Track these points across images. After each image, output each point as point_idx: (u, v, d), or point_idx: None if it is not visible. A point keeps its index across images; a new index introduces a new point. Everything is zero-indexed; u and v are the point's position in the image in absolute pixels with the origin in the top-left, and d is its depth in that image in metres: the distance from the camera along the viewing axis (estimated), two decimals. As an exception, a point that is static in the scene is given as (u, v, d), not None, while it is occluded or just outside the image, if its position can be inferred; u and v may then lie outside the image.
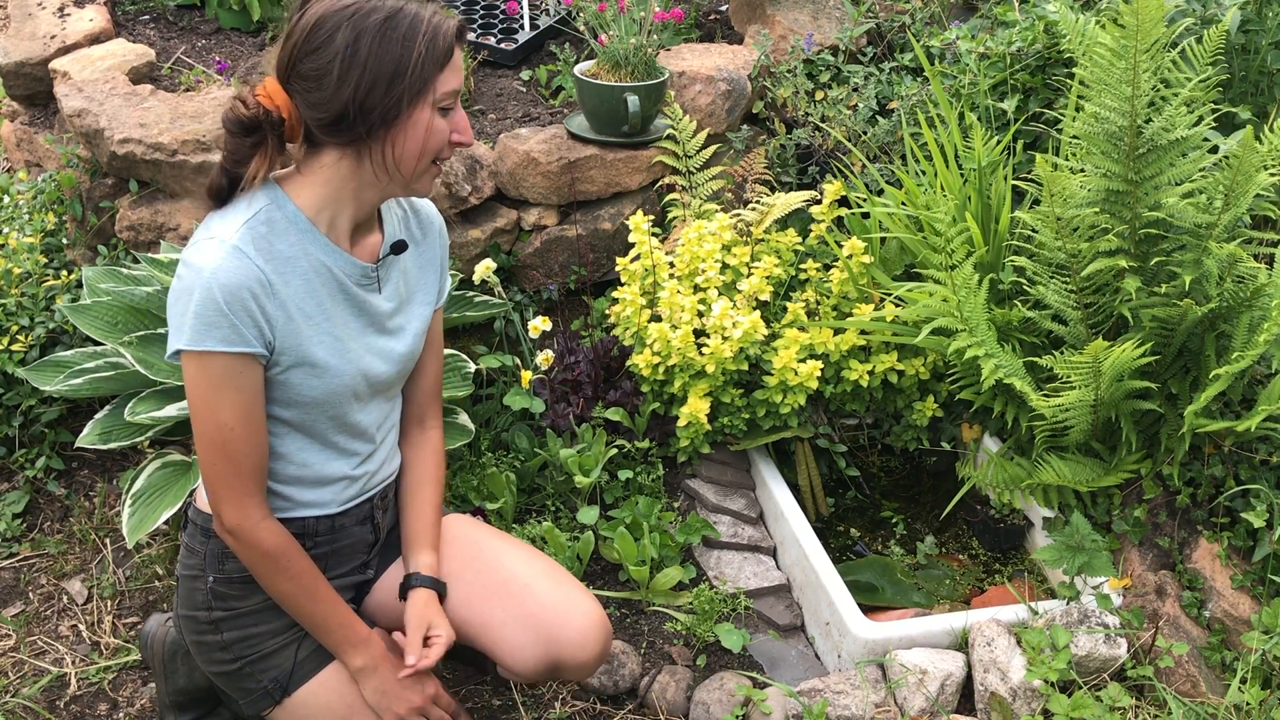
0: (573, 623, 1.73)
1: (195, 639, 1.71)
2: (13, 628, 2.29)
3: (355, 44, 1.44)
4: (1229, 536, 2.16)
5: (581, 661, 1.74)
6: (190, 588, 1.70)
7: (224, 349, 1.47)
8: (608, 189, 2.79)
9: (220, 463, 1.54)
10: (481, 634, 1.76)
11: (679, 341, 2.36)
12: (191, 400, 1.52)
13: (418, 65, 1.46)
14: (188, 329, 1.46)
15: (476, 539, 1.85)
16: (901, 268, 2.60)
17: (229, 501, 1.56)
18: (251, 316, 1.48)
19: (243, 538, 1.58)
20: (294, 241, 1.54)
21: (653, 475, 2.45)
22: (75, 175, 2.73)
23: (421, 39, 1.46)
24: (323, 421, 1.63)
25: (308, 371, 1.57)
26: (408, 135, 1.50)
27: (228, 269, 1.45)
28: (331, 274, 1.58)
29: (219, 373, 1.49)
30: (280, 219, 1.53)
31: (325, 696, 1.68)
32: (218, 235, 1.48)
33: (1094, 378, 2.09)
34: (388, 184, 1.56)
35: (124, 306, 2.34)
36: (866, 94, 2.90)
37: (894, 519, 2.58)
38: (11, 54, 2.91)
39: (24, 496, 2.52)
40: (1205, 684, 2.05)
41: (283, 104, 1.49)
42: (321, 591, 1.65)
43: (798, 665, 2.21)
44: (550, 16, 3.34)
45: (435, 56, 1.48)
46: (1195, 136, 2.11)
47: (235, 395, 1.51)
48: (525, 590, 1.76)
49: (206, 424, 1.52)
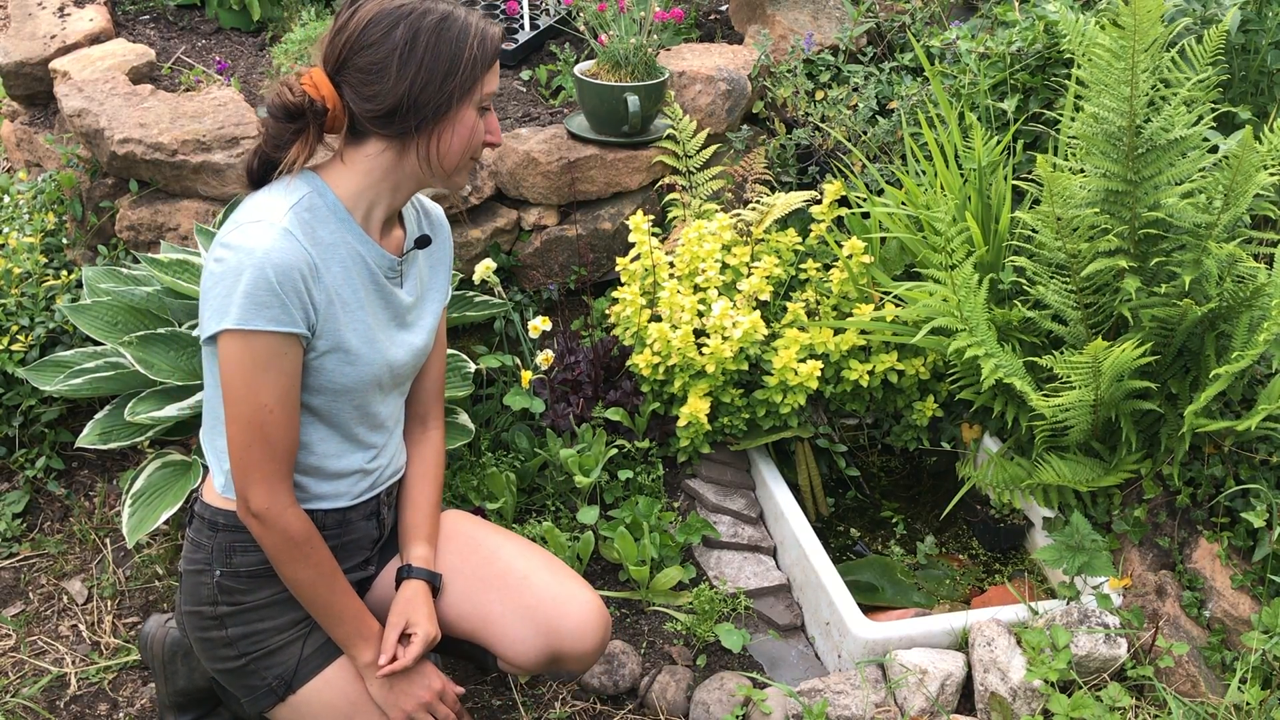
0: (572, 614, 1.74)
1: (200, 635, 1.71)
2: (13, 628, 2.29)
3: (413, 41, 1.50)
4: (1229, 536, 2.16)
5: (582, 652, 1.75)
6: (195, 583, 1.70)
7: (273, 328, 1.49)
8: (608, 189, 2.79)
9: (257, 444, 1.54)
10: (481, 628, 1.77)
11: (679, 341, 2.36)
12: (231, 382, 1.52)
13: (469, 65, 1.53)
14: (236, 308, 1.47)
15: (474, 533, 1.86)
16: (901, 268, 2.60)
17: (260, 483, 1.56)
18: (300, 298, 1.51)
19: (271, 521, 1.58)
20: (334, 229, 1.57)
21: (653, 475, 2.45)
22: (75, 175, 2.73)
23: (473, 40, 1.53)
24: (347, 410, 1.65)
25: (341, 358, 1.59)
26: (455, 131, 1.57)
27: (280, 249, 1.48)
28: (366, 264, 1.62)
29: (264, 353, 1.50)
30: (321, 206, 1.56)
31: (329, 694, 1.68)
32: (265, 218, 1.51)
33: (1094, 378, 2.09)
34: (427, 177, 1.61)
35: (124, 306, 2.34)
36: (866, 94, 2.90)
37: (894, 519, 2.58)
38: (11, 54, 2.91)
39: (24, 496, 2.52)
40: (1205, 684, 2.05)
41: (329, 95, 1.53)
42: (339, 582, 1.66)
43: (798, 665, 2.21)
44: (550, 16, 3.34)
45: (484, 57, 1.55)
46: (1194, 136, 2.11)
47: (278, 376, 1.52)
48: (524, 583, 1.77)
49: (245, 405, 1.52)
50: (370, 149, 1.57)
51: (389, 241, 1.68)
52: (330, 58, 1.53)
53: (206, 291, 1.52)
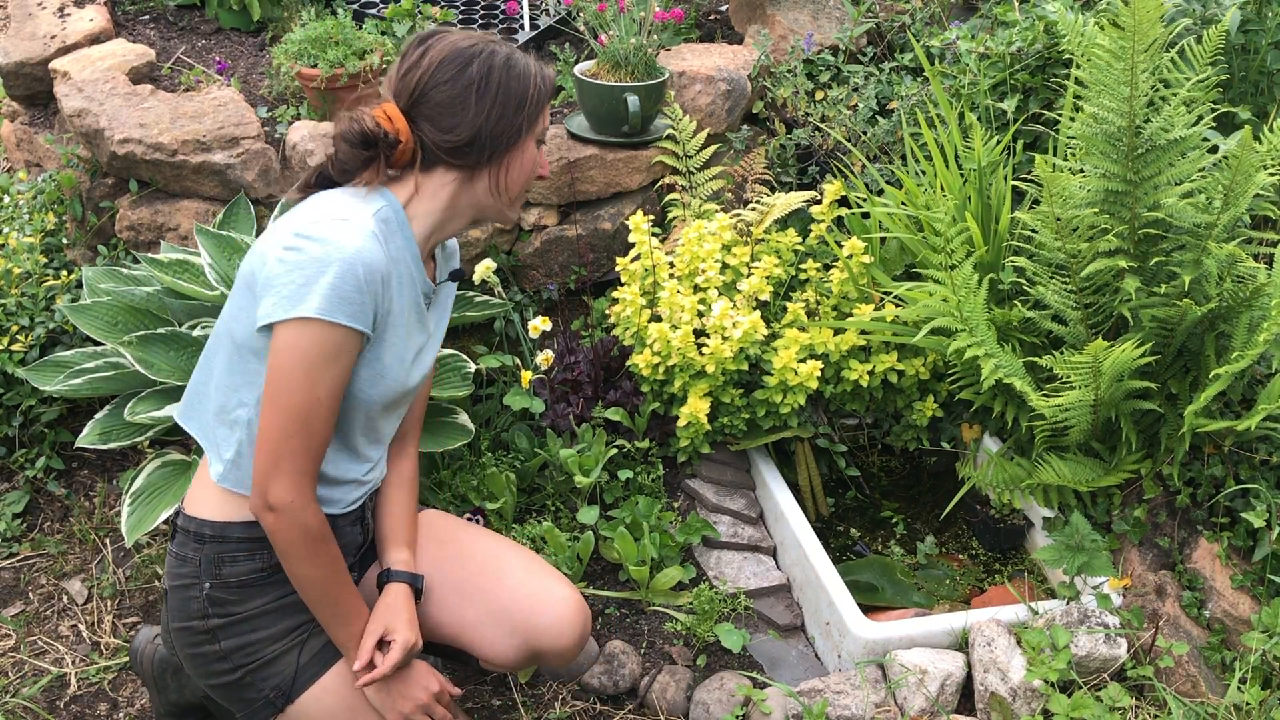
0: (547, 611, 1.76)
1: (191, 651, 1.68)
2: (13, 628, 2.29)
3: (487, 77, 1.61)
4: (1229, 536, 2.17)
5: (561, 648, 1.78)
6: (183, 598, 1.67)
7: (350, 324, 1.52)
8: (608, 189, 2.79)
9: (298, 436, 1.54)
10: (459, 634, 1.79)
11: (679, 341, 2.36)
12: (288, 371, 1.52)
13: (535, 99, 1.64)
14: (318, 298, 1.49)
15: (448, 536, 1.87)
16: (901, 268, 2.60)
17: (289, 475, 1.55)
18: (375, 301, 1.55)
19: (291, 514, 1.56)
20: (400, 246, 1.62)
21: (653, 475, 2.45)
22: (75, 175, 2.73)
23: (536, 76, 1.65)
24: (359, 421, 1.67)
25: (378, 369, 1.63)
26: (521, 161, 1.67)
27: (370, 250, 1.52)
28: (415, 285, 1.67)
29: (333, 347, 1.52)
30: (394, 221, 1.62)
31: (328, 701, 1.67)
32: (352, 218, 1.55)
33: (1094, 378, 2.09)
34: (490, 207, 1.69)
35: (124, 306, 2.34)
36: (866, 94, 2.90)
37: (894, 519, 2.58)
38: (11, 54, 2.91)
39: (24, 496, 2.52)
40: (1205, 684, 2.05)
41: (402, 128, 1.60)
42: (347, 582, 1.66)
43: (798, 665, 2.21)
44: (550, 16, 3.34)
45: (546, 92, 1.67)
46: (1194, 136, 2.11)
47: (338, 372, 1.55)
48: (497, 584, 1.79)
49: (298, 395, 1.53)
50: (439, 178, 1.64)
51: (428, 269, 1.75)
52: (402, 94, 1.61)
53: (276, 277, 1.51)
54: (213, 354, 1.66)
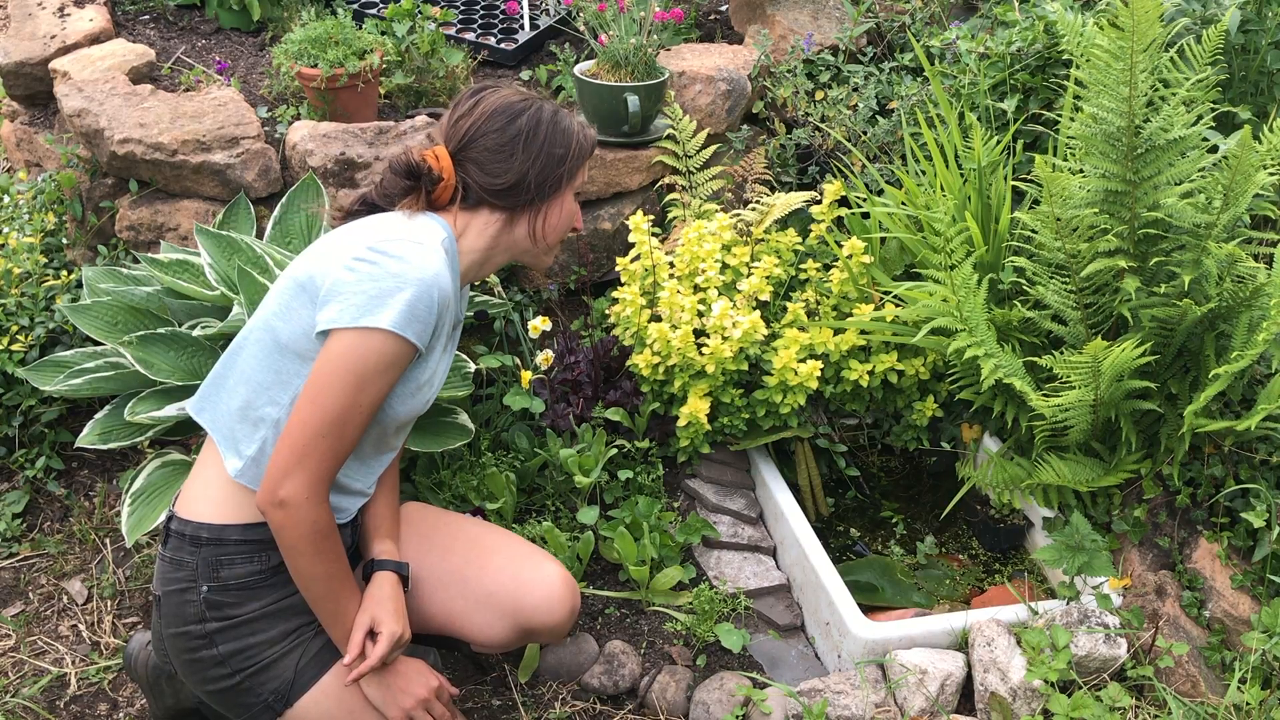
0: (535, 590, 1.81)
1: (188, 657, 1.67)
2: (13, 628, 2.29)
3: (535, 129, 1.73)
4: (1229, 536, 2.17)
5: (552, 624, 1.82)
6: (179, 602, 1.66)
7: (415, 341, 1.59)
8: (608, 189, 2.79)
9: (330, 439, 1.58)
10: (450, 624, 1.83)
11: (679, 341, 2.36)
12: (340, 375, 1.56)
13: (576, 153, 1.77)
14: (394, 313, 1.55)
15: (430, 527, 1.91)
16: (901, 268, 2.60)
17: (309, 474, 1.57)
18: (435, 325, 1.63)
19: (304, 511, 1.57)
20: (453, 276, 1.70)
21: (653, 475, 2.45)
22: (75, 175, 2.73)
23: (578, 134, 1.78)
24: (373, 434, 1.71)
25: (412, 388, 1.68)
26: (561, 210, 1.79)
27: (444, 276, 1.62)
28: (455, 315, 1.78)
29: (390, 359, 1.58)
30: (451, 252, 1.72)
31: (327, 704, 1.67)
32: (426, 243, 1.64)
33: (1094, 378, 2.09)
34: (528, 251, 1.80)
35: (124, 306, 2.34)
36: (866, 94, 2.90)
37: (894, 519, 2.58)
38: (11, 54, 2.91)
39: (24, 496, 2.52)
40: (1205, 684, 2.05)
41: (447, 168, 1.72)
42: (349, 580, 1.68)
43: (798, 665, 2.21)
44: (550, 16, 3.34)
45: (586, 149, 1.79)
46: (1193, 136, 2.11)
47: (384, 385, 1.60)
48: (482, 569, 1.83)
49: (343, 399, 1.57)
50: (484, 218, 1.75)
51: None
52: (452, 138, 1.73)
53: (346, 284, 1.57)
54: (240, 350, 1.67)
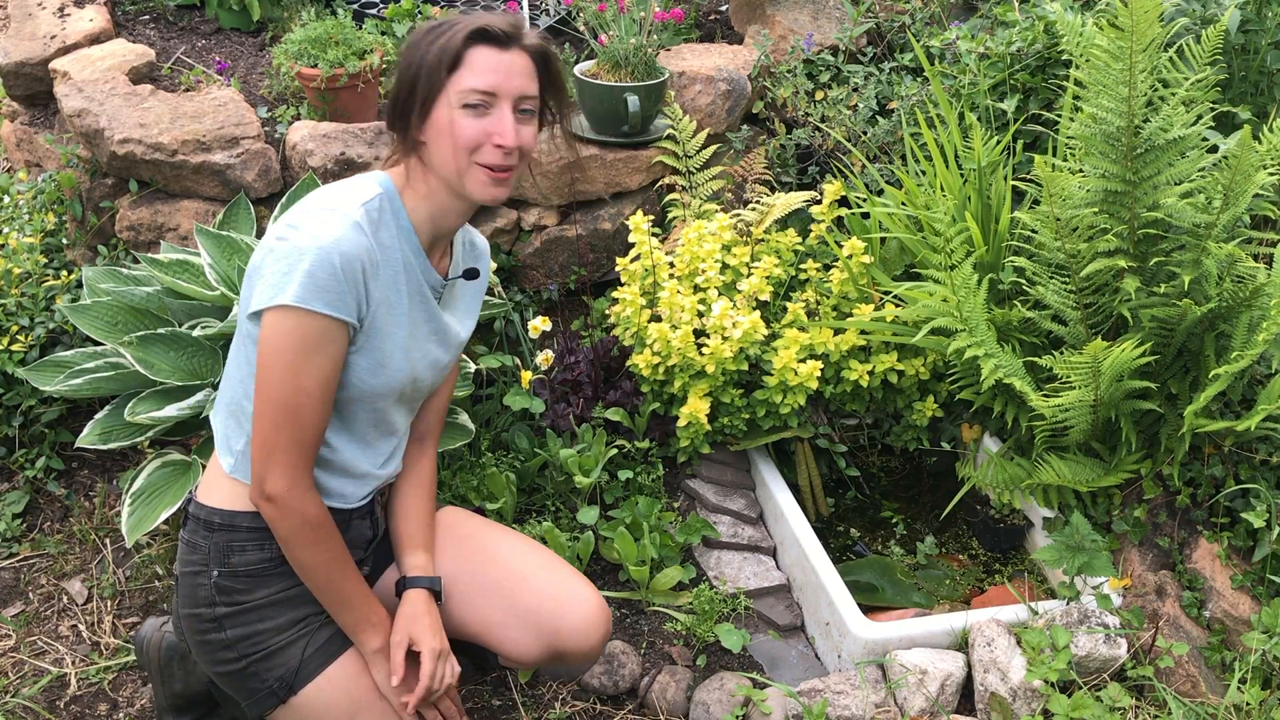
0: (572, 613, 1.76)
1: (199, 638, 1.70)
2: (13, 628, 2.29)
3: (408, 48, 1.60)
4: (1229, 536, 2.17)
5: (584, 650, 1.77)
6: (193, 584, 1.69)
7: (329, 312, 1.51)
8: (608, 189, 2.79)
9: (287, 427, 1.55)
10: (483, 632, 1.78)
11: (679, 341, 2.36)
12: (272, 361, 1.53)
13: (434, 65, 1.56)
14: (295, 286, 1.49)
15: (470, 533, 1.86)
16: (901, 268, 2.60)
17: (282, 466, 1.57)
18: (356, 289, 1.54)
19: (289, 504, 1.58)
20: (394, 235, 1.62)
21: (653, 475, 2.45)
22: (75, 175, 2.73)
23: (444, 38, 1.56)
24: (364, 413, 1.67)
25: (377, 359, 1.62)
26: (439, 134, 1.58)
27: (349, 239, 1.52)
28: (415, 274, 1.66)
29: (314, 335, 1.52)
30: (388, 211, 1.61)
31: (331, 693, 1.68)
32: (339, 208, 1.55)
33: (1093, 378, 2.09)
34: (445, 189, 1.63)
35: (124, 306, 2.34)
36: (866, 94, 2.90)
37: (894, 519, 2.58)
38: (11, 54, 2.91)
39: (24, 496, 2.52)
40: (1205, 684, 2.05)
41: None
42: (350, 566, 1.66)
43: (798, 665, 2.21)
44: (550, 16, 3.34)
45: (445, 59, 1.56)
46: (1193, 136, 2.11)
47: (322, 362, 1.55)
48: (522, 584, 1.78)
49: (284, 386, 1.54)
50: (415, 161, 1.63)
51: (439, 264, 1.73)
52: None
53: (261, 267, 1.54)
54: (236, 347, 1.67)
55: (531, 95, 1.61)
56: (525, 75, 1.60)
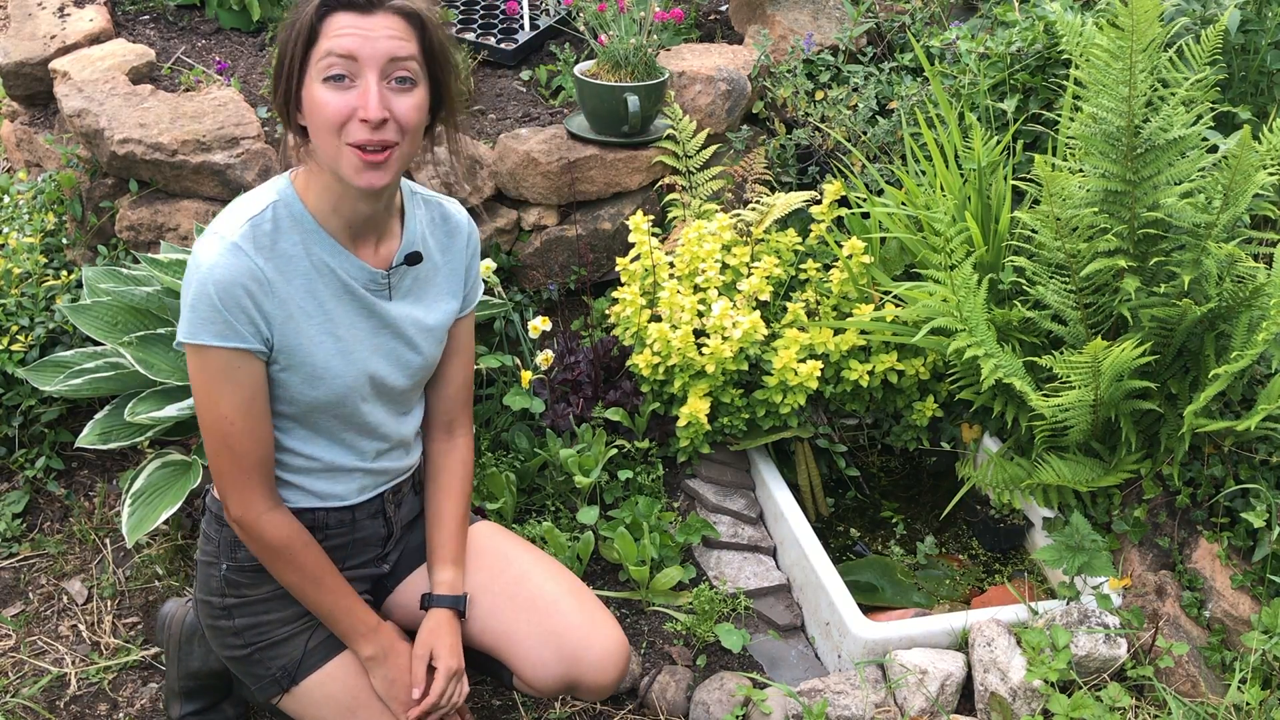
0: (596, 644, 1.73)
1: (210, 623, 1.75)
2: (13, 628, 2.29)
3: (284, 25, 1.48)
4: (1229, 536, 2.17)
5: (601, 685, 1.75)
6: (206, 573, 1.73)
7: (218, 343, 1.48)
8: (608, 189, 2.79)
9: (223, 454, 1.56)
10: (504, 645, 1.76)
11: (679, 341, 2.36)
12: (194, 391, 1.54)
13: (292, 43, 1.44)
14: (184, 322, 1.49)
15: (505, 551, 1.84)
16: (901, 268, 2.60)
17: (233, 492, 1.58)
18: (246, 313, 1.48)
19: (247, 529, 1.60)
20: (297, 241, 1.54)
21: (653, 475, 2.45)
22: (75, 175, 2.73)
23: (297, 18, 1.44)
24: (326, 419, 1.64)
25: (308, 372, 1.57)
26: (309, 117, 1.46)
27: (223, 265, 1.46)
28: (335, 275, 1.56)
29: (216, 366, 1.51)
30: (286, 217, 1.53)
31: (331, 687, 1.69)
32: (220, 230, 1.50)
33: (1093, 377, 2.09)
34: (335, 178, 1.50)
35: (124, 306, 2.34)
36: (866, 94, 2.90)
37: (894, 519, 2.58)
38: (11, 54, 2.91)
39: (24, 496, 2.52)
40: (1205, 684, 2.05)
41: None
42: (328, 581, 1.65)
43: (798, 665, 2.21)
44: (550, 16, 3.34)
45: (301, 32, 1.43)
46: (1193, 136, 2.11)
47: (234, 388, 1.52)
48: (552, 607, 1.76)
49: (209, 415, 1.54)
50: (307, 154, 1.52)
51: (373, 253, 1.60)
52: None
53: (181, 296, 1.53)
54: None
55: (404, 57, 1.43)
56: (392, 37, 1.42)
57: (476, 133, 2.85)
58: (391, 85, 1.44)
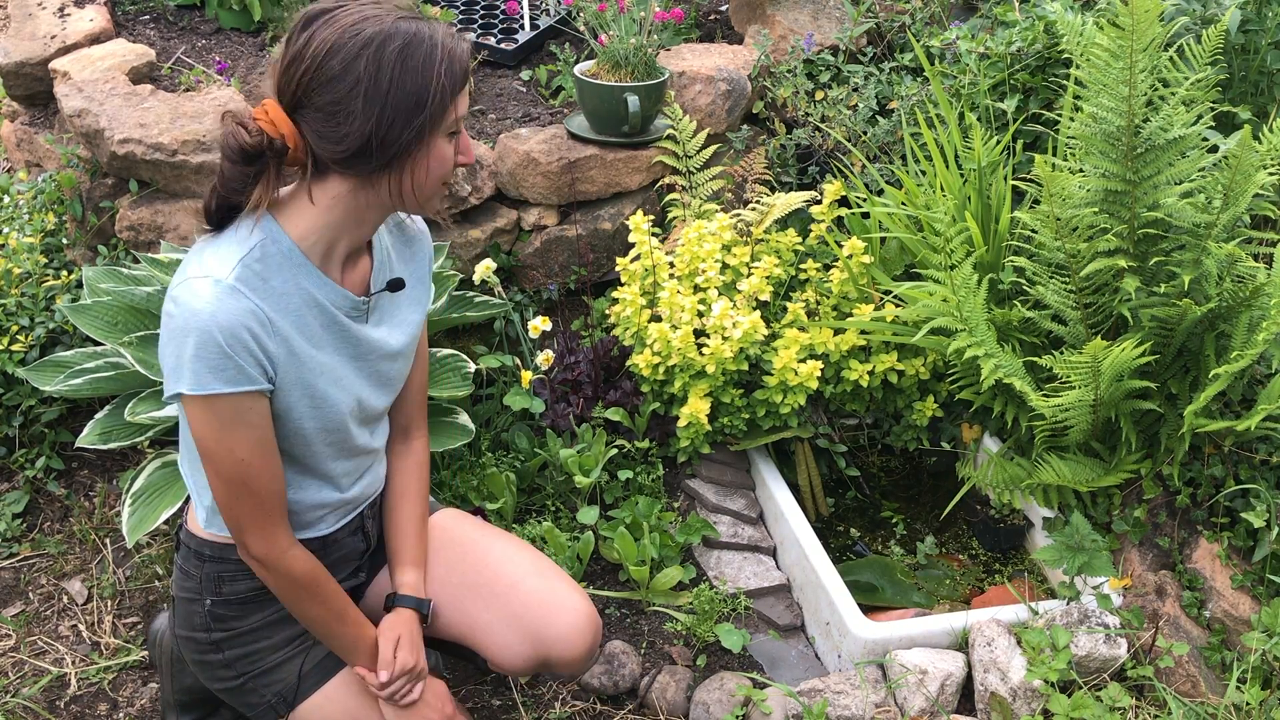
0: (560, 620, 1.73)
1: (197, 658, 1.70)
2: (13, 628, 2.29)
3: (377, 76, 1.37)
4: (1229, 536, 2.17)
5: (570, 658, 1.75)
6: (188, 610, 1.68)
7: (229, 390, 1.42)
8: (608, 189, 2.79)
9: (244, 498, 1.50)
10: (469, 635, 1.77)
11: (679, 341, 2.36)
12: (203, 442, 1.47)
13: (438, 95, 1.40)
14: (188, 373, 1.40)
15: (464, 537, 1.84)
16: (901, 268, 2.60)
17: (255, 533, 1.53)
18: (253, 355, 1.43)
19: (272, 566, 1.55)
20: (287, 276, 1.48)
21: (653, 475, 2.45)
22: (75, 175, 2.73)
23: (440, 65, 1.40)
24: (321, 449, 1.60)
25: (308, 404, 1.54)
26: (428, 164, 1.45)
27: (226, 310, 1.39)
28: (321, 306, 1.53)
29: (228, 413, 1.44)
30: (275, 254, 1.47)
31: (330, 709, 1.68)
32: (212, 273, 1.41)
33: (1093, 377, 2.09)
34: (399, 208, 1.51)
35: (124, 306, 2.34)
36: (866, 94, 2.90)
37: (894, 519, 2.58)
38: (11, 54, 2.91)
39: (24, 496, 2.52)
40: (1205, 684, 2.05)
41: (289, 132, 1.41)
42: (350, 614, 1.64)
43: (798, 665, 2.21)
44: (550, 16, 3.34)
45: (454, 84, 1.42)
46: (1193, 136, 2.11)
47: (248, 431, 1.47)
48: (512, 590, 1.76)
49: (223, 463, 1.47)
50: (334, 187, 1.47)
51: (353, 277, 1.58)
52: (286, 91, 1.40)
53: (162, 348, 1.45)
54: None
55: None
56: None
57: (476, 133, 2.85)
58: None
